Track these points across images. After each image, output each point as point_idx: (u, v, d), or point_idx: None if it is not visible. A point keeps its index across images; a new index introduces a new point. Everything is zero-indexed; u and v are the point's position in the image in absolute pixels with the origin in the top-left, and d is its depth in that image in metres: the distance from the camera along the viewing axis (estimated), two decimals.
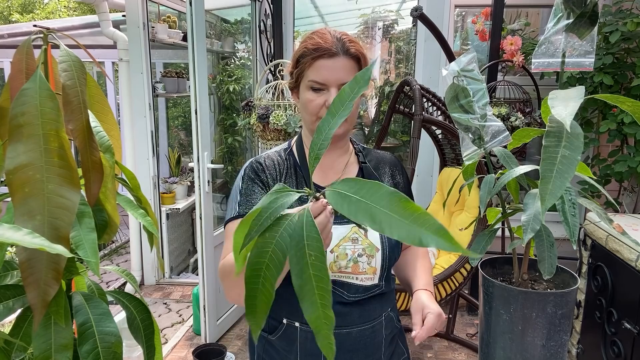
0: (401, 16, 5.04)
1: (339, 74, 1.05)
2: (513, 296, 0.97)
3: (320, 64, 1.05)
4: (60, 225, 0.62)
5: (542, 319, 0.95)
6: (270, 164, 1.15)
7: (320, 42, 1.06)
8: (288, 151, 1.19)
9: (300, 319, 1.09)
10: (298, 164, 1.16)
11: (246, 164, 1.17)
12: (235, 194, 1.13)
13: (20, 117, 0.61)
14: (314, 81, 1.06)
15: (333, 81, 1.05)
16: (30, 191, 0.61)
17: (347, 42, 1.06)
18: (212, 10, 4.30)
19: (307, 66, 1.06)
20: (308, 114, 1.09)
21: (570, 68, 0.92)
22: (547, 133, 0.77)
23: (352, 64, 1.06)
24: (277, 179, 1.13)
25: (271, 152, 1.19)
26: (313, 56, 1.05)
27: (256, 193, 1.11)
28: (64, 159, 0.63)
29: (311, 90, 1.07)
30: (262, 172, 1.13)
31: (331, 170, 1.17)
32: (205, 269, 2.80)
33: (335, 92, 1.05)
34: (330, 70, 1.05)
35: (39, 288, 0.62)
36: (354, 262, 1.07)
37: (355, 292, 1.08)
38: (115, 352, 0.77)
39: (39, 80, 0.63)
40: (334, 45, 1.05)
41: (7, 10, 11.28)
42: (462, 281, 2.47)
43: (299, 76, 1.09)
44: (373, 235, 1.09)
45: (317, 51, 1.05)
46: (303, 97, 1.09)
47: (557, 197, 0.72)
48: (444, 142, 3.05)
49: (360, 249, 1.07)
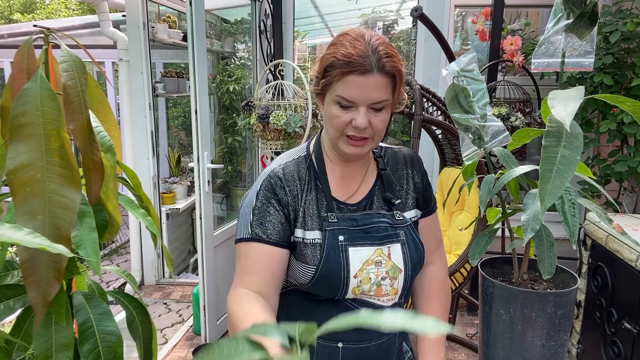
0: (401, 16, 5.04)
1: (371, 93, 0.94)
2: (513, 296, 0.97)
3: (350, 80, 0.94)
4: (61, 224, 0.62)
5: (542, 319, 0.95)
6: (290, 178, 1.05)
7: (352, 52, 0.93)
8: (309, 160, 1.09)
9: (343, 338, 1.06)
10: (318, 175, 1.07)
11: (263, 175, 1.07)
12: (248, 212, 1.04)
13: (22, 117, 0.61)
14: (342, 97, 0.95)
15: (363, 101, 0.95)
16: (31, 191, 0.61)
17: (383, 56, 0.94)
18: (212, 10, 4.30)
19: (336, 79, 0.95)
20: (332, 129, 1.00)
21: (570, 68, 0.92)
22: (546, 133, 0.77)
23: (386, 81, 0.95)
24: (299, 196, 1.04)
25: (290, 162, 1.08)
26: (343, 70, 0.93)
27: (271, 214, 1.02)
28: (65, 159, 0.63)
29: (338, 105, 0.97)
30: (281, 188, 1.04)
31: (352, 181, 1.10)
32: (205, 269, 2.80)
33: (364, 111, 0.95)
34: (361, 88, 0.94)
35: (40, 288, 0.62)
36: (377, 286, 1.03)
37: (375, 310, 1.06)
38: (115, 352, 0.77)
39: (40, 80, 0.63)
40: (368, 59, 0.93)
41: (8, 10, 11.28)
42: (462, 281, 2.47)
43: (326, 86, 0.99)
44: (396, 256, 1.05)
45: (349, 65, 0.93)
46: (328, 110, 0.99)
47: (556, 197, 0.73)
48: (444, 142, 3.05)
49: (383, 272, 1.03)
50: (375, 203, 1.09)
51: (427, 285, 1.17)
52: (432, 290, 1.17)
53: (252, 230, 1.02)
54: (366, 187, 1.10)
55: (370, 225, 1.05)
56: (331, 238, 1.02)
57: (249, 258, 1.02)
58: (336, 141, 1.01)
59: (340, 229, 1.03)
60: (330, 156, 1.09)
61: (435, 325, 0.37)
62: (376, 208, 1.09)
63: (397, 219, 1.08)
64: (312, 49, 5.52)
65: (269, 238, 1.01)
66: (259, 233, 1.01)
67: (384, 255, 1.04)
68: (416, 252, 1.07)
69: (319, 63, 1.01)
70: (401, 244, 1.05)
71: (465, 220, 2.77)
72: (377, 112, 0.97)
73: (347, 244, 1.02)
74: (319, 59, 1.02)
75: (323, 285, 1.02)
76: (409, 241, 1.06)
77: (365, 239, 1.03)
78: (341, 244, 1.02)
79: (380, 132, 1.00)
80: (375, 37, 0.96)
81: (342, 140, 1.00)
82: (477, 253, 1.01)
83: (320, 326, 0.51)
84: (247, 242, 1.02)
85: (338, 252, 1.01)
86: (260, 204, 1.03)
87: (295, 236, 1.04)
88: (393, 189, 1.11)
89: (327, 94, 0.99)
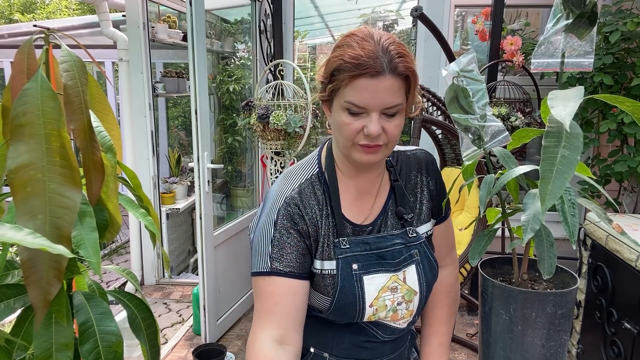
0: (401, 16, 5.04)
1: (383, 97, 0.86)
2: (513, 296, 0.97)
3: (360, 84, 0.86)
4: (62, 224, 0.62)
5: (542, 319, 0.95)
6: (308, 205, 0.97)
7: (360, 54, 0.85)
8: (322, 178, 1.00)
9: (330, 351, 1.04)
10: (331, 198, 0.99)
11: (277, 200, 0.97)
12: (266, 242, 0.95)
13: (22, 117, 0.61)
14: (352, 104, 0.87)
15: (374, 106, 0.87)
16: (31, 191, 0.61)
17: (395, 56, 0.86)
18: (212, 10, 4.30)
19: (344, 84, 0.87)
20: (342, 137, 0.92)
21: (570, 68, 0.92)
22: (546, 133, 0.77)
23: (399, 83, 0.87)
24: (319, 224, 0.97)
25: (304, 183, 0.99)
26: (352, 74, 0.85)
27: (292, 245, 0.95)
28: (65, 159, 0.63)
29: (347, 112, 0.89)
30: (301, 217, 0.96)
31: (366, 196, 1.03)
32: (205, 269, 2.80)
33: (376, 117, 0.87)
34: (372, 92, 0.86)
35: (40, 287, 0.62)
36: (393, 312, 1.00)
37: (391, 333, 1.03)
38: (115, 352, 0.77)
39: (41, 80, 0.63)
40: (379, 60, 0.85)
41: (8, 9, 11.28)
42: (462, 281, 2.47)
43: (333, 92, 0.91)
44: (411, 279, 1.01)
45: (358, 68, 0.85)
46: (337, 117, 0.91)
47: (556, 197, 0.73)
48: (444, 142, 3.06)
49: (399, 297, 0.99)
50: (389, 220, 1.03)
51: (437, 288, 1.13)
52: (441, 293, 1.15)
53: (272, 265, 0.94)
54: (380, 203, 1.04)
55: (385, 249, 1.00)
56: (345, 267, 0.96)
57: (270, 294, 0.94)
58: (348, 151, 0.94)
59: (354, 256, 0.97)
60: (342, 169, 1.01)
61: None
62: (390, 226, 1.03)
63: (410, 236, 1.02)
64: (312, 49, 5.52)
65: (291, 271, 0.95)
66: (279, 267, 0.94)
67: (400, 280, 1.00)
68: (430, 271, 1.03)
69: (325, 67, 0.93)
70: (415, 265, 1.01)
71: (465, 220, 2.77)
72: (390, 118, 0.89)
73: (361, 273, 0.97)
74: (325, 62, 0.94)
75: (338, 315, 0.99)
76: (423, 260, 1.02)
77: (379, 265, 0.99)
78: (355, 273, 0.96)
79: (395, 139, 0.93)
80: (386, 37, 0.89)
81: (355, 149, 0.92)
82: (477, 253, 1.01)
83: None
84: (267, 277, 0.94)
85: (353, 282, 0.96)
86: (279, 234, 0.95)
87: (313, 267, 0.99)
88: (406, 202, 1.05)
89: (334, 100, 0.92)
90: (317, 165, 1.02)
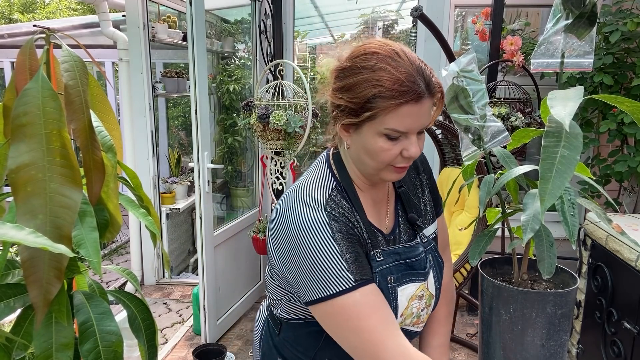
0: (401, 16, 5.04)
1: (423, 120, 0.85)
2: (513, 296, 0.97)
3: (405, 111, 0.82)
4: (62, 224, 0.62)
5: (541, 319, 0.95)
6: (347, 213, 0.92)
7: (401, 78, 0.81)
8: (343, 193, 0.95)
9: (331, 359, 1.00)
10: (357, 211, 0.94)
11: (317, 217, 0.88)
12: (330, 262, 0.85)
13: (23, 117, 0.61)
14: (395, 130, 0.84)
15: (415, 129, 0.85)
16: (32, 190, 0.61)
17: (430, 76, 0.84)
18: (212, 10, 4.30)
19: (385, 112, 0.83)
20: (377, 162, 0.88)
21: (570, 68, 0.92)
22: (546, 133, 0.77)
23: (432, 102, 0.86)
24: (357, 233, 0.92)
25: (332, 193, 0.93)
26: (397, 102, 0.81)
27: (360, 255, 0.89)
28: (66, 159, 0.63)
29: (385, 137, 0.85)
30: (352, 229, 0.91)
31: (381, 205, 1.02)
32: (205, 269, 2.80)
33: (415, 139, 0.86)
34: (415, 117, 0.83)
35: (41, 287, 0.62)
36: (417, 317, 1.01)
37: (410, 337, 1.02)
38: (115, 351, 0.78)
39: (42, 80, 0.64)
40: (418, 83, 0.82)
41: (8, 9, 11.28)
42: (462, 281, 2.47)
43: (368, 118, 0.85)
44: (431, 284, 1.01)
45: (403, 96, 0.81)
46: (372, 143, 0.86)
47: (556, 197, 0.73)
48: (444, 142, 3.06)
49: (423, 304, 1.01)
50: (401, 226, 1.02)
51: None
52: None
53: (353, 276, 0.85)
54: (391, 211, 1.03)
55: (414, 259, 0.99)
56: (382, 281, 0.93)
57: (376, 304, 0.86)
58: (378, 172, 0.91)
59: (388, 268, 0.95)
60: (358, 183, 0.98)
61: None
62: (404, 233, 1.02)
63: (424, 242, 1.03)
64: (312, 49, 5.51)
65: (371, 276, 0.89)
66: (362, 274, 0.86)
67: (425, 288, 1.00)
68: (441, 273, 1.05)
69: (352, 91, 0.85)
70: (432, 269, 1.02)
71: (465, 220, 2.77)
72: (420, 135, 0.88)
73: (395, 285, 0.95)
74: (350, 85, 0.86)
75: None
76: (435, 265, 1.03)
77: (410, 275, 0.98)
78: (390, 286, 0.94)
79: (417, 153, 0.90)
80: (409, 52, 0.86)
81: (388, 170, 0.90)
82: (477, 253, 1.01)
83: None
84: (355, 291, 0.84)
85: (389, 295, 0.93)
86: (345, 247, 0.87)
87: None
88: (413, 206, 1.04)
89: (366, 125, 0.86)
90: (333, 180, 0.96)
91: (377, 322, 0.84)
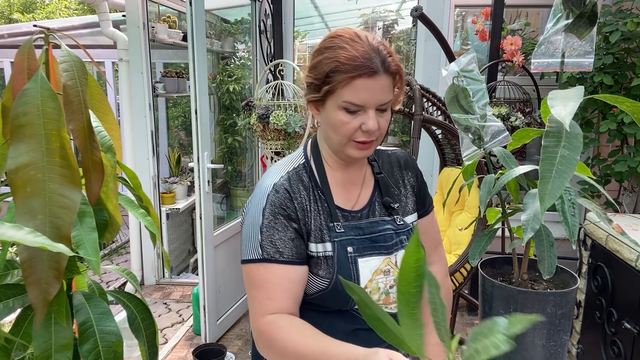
0: (401, 16, 5.04)
1: (379, 95, 0.93)
2: (513, 296, 0.97)
3: (359, 84, 0.91)
4: (62, 224, 0.62)
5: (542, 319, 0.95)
6: (297, 189, 1.00)
7: (355, 54, 0.90)
8: (308, 168, 1.04)
9: None
10: (319, 186, 1.03)
11: (266, 189, 1.00)
12: (255, 231, 0.98)
13: (22, 117, 0.61)
14: (351, 103, 0.92)
15: (372, 103, 0.93)
16: (31, 191, 0.61)
17: (387, 55, 0.93)
18: (212, 10, 4.30)
19: (342, 85, 0.92)
20: (339, 136, 0.96)
21: (570, 68, 0.92)
22: (546, 133, 0.77)
23: (390, 80, 0.94)
24: (307, 208, 1.00)
25: (290, 171, 1.03)
26: (351, 75, 0.90)
27: (280, 231, 0.97)
28: (65, 159, 0.63)
29: (344, 111, 0.93)
30: (290, 201, 0.99)
31: (352, 186, 1.08)
32: (205, 269, 2.80)
33: (373, 114, 0.93)
34: (370, 91, 0.91)
35: (40, 287, 0.62)
36: (385, 295, 1.02)
37: None
38: (115, 352, 0.77)
39: (41, 80, 0.63)
40: (373, 60, 0.90)
41: (8, 9, 11.28)
42: (462, 281, 2.47)
43: (328, 93, 0.94)
44: (400, 261, 1.04)
45: (356, 69, 0.90)
46: (334, 117, 0.95)
47: (556, 197, 0.73)
48: (444, 142, 3.05)
49: (391, 280, 1.02)
50: (377, 209, 1.07)
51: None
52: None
53: (264, 251, 0.96)
54: (367, 193, 1.08)
55: (377, 233, 1.03)
56: (341, 250, 0.99)
57: (267, 282, 0.96)
58: (342, 147, 0.98)
59: (348, 239, 1.01)
60: (330, 162, 1.06)
61: None
62: (378, 215, 1.07)
63: (398, 224, 1.06)
64: (312, 49, 5.52)
65: (283, 257, 0.97)
66: (272, 253, 0.96)
67: (392, 263, 1.02)
68: None
69: (314, 69, 0.97)
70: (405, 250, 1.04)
71: (465, 220, 2.77)
72: (382, 113, 0.96)
73: (356, 256, 1.00)
74: (314, 64, 0.97)
75: (333, 298, 1.00)
76: None
77: (373, 248, 1.02)
78: (350, 255, 1.00)
79: (384, 132, 0.99)
80: (371, 36, 0.95)
81: (350, 145, 0.97)
82: (477, 253, 1.01)
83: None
84: (260, 264, 0.97)
85: (348, 265, 0.99)
86: (267, 221, 0.97)
87: (309, 250, 1.01)
88: (391, 193, 1.10)
89: (329, 100, 0.95)
90: (303, 158, 1.07)
91: (264, 296, 0.95)
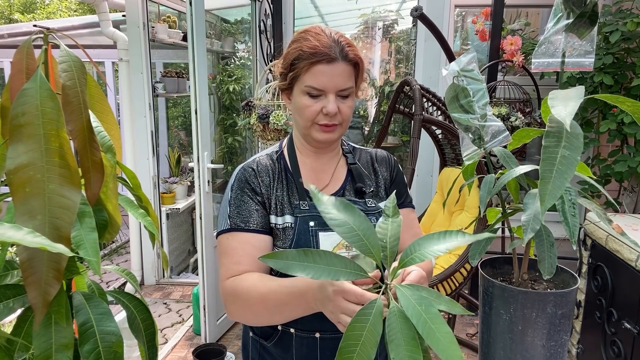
0: (401, 16, 5.04)
1: (337, 80, 1.01)
2: (513, 296, 0.97)
3: (318, 69, 1.00)
4: (61, 225, 0.62)
5: (542, 319, 0.95)
6: (262, 169, 1.11)
7: (317, 44, 1.01)
8: (279, 153, 1.15)
9: (295, 326, 1.07)
10: (289, 169, 1.13)
11: (236, 170, 1.13)
12: (225, 205, 1.09)
13: (21, 117, 0.61)
14: (312, 87, 1.02)
15: (331, 88, 1.01)
16: (31, 191, 0.61)
17: (345, 46, 1.02)
18: (212, 10, 4.30)
19: (304, 71, 1.02)
20: (303, 119, 1.06)
21: (570, 68, 0.92)
22: (546, 133, 0.77)
23: (350, 69, 1.03)
24: (270, 185, 1.09)
25: (262, 156, 1.14)
26: (311, 61, 1.00)
27: (247, 202, 1.07)
28: (64, 159, 0.63)
29: (307, 95, 1.03)
30: (255, 177, 1.09)
31: (322, 174, 1.15)
32: (205, 269, 2.80)
33: (333, 98, 1.02)
34: (328, 76, 1.01)
35: (39, 288, 0.62)
36: None
37: None
38: (116, 352, 0.77)
39: (40, 80, 0.63)
40: (332, 49, 1.00)
41: (8, 9, 11.28)
42: (462, 281, 2.47)
43: (294, 79, 1.05)
44: None
45: (315, 56, 1.00)
46: (298, 101, 1.05)
47: (556, 197, 0.72)
48: (444, 142, 3.05)
49: (353, 254, 1.03)
50: (346, 195, 1.13)
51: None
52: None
53: (231, 221, 1.06)
54: (337, 182, 1.14)
55: None
56: (302, 223, 1.06)
57: (233, 249, 1.04)
58: (307, 131, 1.06)
59: (312, 216, 1.06)
60: (301, 149, 1.14)
61: None
62: (348, 198, 1.12)
63: (369, 206, 1.11)
64: None
65: (248, 226, 1.05)
66: (238, 222, 1.05)
67: None
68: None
69: (284, 59, 1.07)
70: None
71: (465, 220, 2.77)
72: (344, 99, 1.04)
73: (317, 229, 1.06)
74: (283, 55, 1.08)
75: None
76: None
77: None
78: (312, 229, 1.06)
79: (348, 119, 1.07)
80: (335, 32, 1.05)
81: (314, 128, 1.05)
82: (477, 253, 1.01)
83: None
84: (228, 233, 1.05)
85: (309, 237, 1.05)
86: (234, 194, 1.08)
87: (271, 222, 1.08)
88: (364, 180, 1.15)
89: (295, 86, 1.05)
90: (277, 147, 1.18)
91: (230, 261, 1.04)
